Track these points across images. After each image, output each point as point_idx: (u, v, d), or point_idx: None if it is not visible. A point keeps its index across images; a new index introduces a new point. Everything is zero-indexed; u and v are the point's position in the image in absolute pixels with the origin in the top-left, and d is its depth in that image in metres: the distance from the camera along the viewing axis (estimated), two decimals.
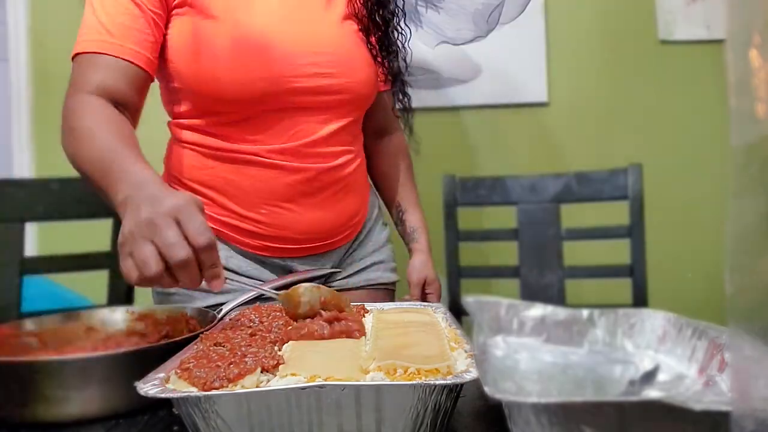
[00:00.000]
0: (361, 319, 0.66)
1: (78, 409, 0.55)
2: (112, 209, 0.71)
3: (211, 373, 0.48)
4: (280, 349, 0.57)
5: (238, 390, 0.47)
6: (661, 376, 0.54)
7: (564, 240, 1.41)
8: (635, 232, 1.37)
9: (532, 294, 1.40)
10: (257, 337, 0.61)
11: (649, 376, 0.54)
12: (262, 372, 0.50)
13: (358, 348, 0.57)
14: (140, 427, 0.55)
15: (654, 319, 0.58)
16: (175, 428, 0.53)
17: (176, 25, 0.90)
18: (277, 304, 0.75)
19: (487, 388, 0.39)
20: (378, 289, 1.08)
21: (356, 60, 0.97)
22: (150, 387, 0.48)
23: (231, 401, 0.46)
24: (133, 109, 0.89)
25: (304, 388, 0.46)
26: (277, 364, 0.52)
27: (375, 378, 0.48)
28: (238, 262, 0.97)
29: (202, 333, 0.63)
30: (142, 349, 0.61)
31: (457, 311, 1.30)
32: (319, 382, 0.47)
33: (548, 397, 0.38)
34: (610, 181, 1.40)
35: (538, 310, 0.60)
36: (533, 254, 1.42)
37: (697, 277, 1.69)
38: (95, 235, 1.21)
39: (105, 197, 0.74)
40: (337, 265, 1.04)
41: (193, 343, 0.60)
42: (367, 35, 0.99)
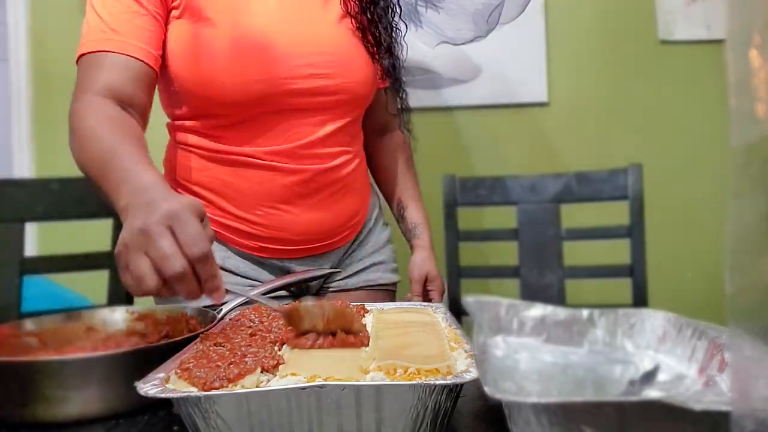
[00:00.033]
0: (367, 339, 0.61)
1: (78, 409, 0.55)
2: (116, 213, 0.69)
3: (211, 373, 0.48)
4: (280, 349, 0.58)
5: (238, 390, 0.47)
6: (661, 376, 0.54)
7: (564, 240, 1.41)
8: (635, 232, 1.37)
9: (532, 294, 1.40)
10: (257, 337, 0.61)
11: (649, 376, 0.54)
12: (262, 372, 0.50)
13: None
14: (140, 427, 0.55)
15: (654, 319, 0.58)
16: (175, 428, 0.53)
17: (174, 27, 0.90)
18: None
19: (487, 388, 0.39)
20: (378, 290, 1.07)
21: (354, 60, 0.96)
22: (150, 387, 0.48)
23: (231, 401, 0.46)
24: (140, 109, 0.87)
25: (304, 388, 0.46)
26: (277, 364, 0.52)
27: (375, 378, 0.48)
28: (236, 263, 0.97)
29: (202, 333, 0.63)
30: (142, 349, 0.61)
31: (457, 311, 1.30)
32: (319, 382, 0.47)
33: (548, 397, 0.38)
34: (610, 181, 1.40)
35: (538, 310, 0.60)
36: (533, 254, 1.42)
37: (697, 277, 1.69)
38: (95, 235, 1.21)
39: (108, 202, 0.71)
40: (335, 266, 1.03)
41: (193, 343, 0.61)
42: (363, 33, 0.98)
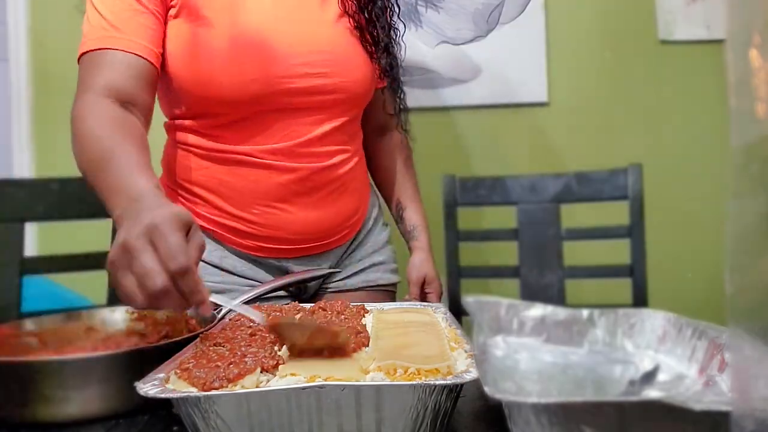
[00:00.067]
0: (367, 339, 0.60)
1: (78, 409, 0.55)
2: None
3: (210, 373, 0.48)
4: (279, 349, 0.57)
5: (238, 390, 0.47)
6: (661, 376, 0.54)
7: (564, 240, 1.41)
8: (635, 232, 1.37)
9: (532, 294, 1.40)
10: (257, 337, 0.61)
11: (649, 376, 0.54)
12: (261, 372, 0.50)
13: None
14: (140, 427, 0.55)
15: (654, 319, 0.58)
16: (175, 428, 0.53)
17: (172, 27, 0.89)
18: (276, 304, 0.75)
19: (487, 388, 0.39)
20: (378, 290, 1.07)
21: (351, 59, 0.96)
22: (150, 387, 0.48)
23: (231, 401, 0.46)
24: (143, 108, 0.85)
25: (304, 388, 0.46)
26: (277, 364, 0.52)
27: (375, 378, 0.48)
28: (233, 263, 0.96)
29: (202, 333, 0.63)
30: (142, 349, 0.61)
31: (457, 311, 1.30)
32: (319, 382, 0.47)
33: (548, 397, 0.38)
34: (610, 181, 1.40)
35: (538, 310, 0.60)
36: (533, 254, 1.42)
37: (697, 277, 1.69)
38: (95, 235, 1.20)
39: (106, 207, 0.70)
40: (334, 266, 1.03)
41: (193, 343, 0.61)
42: (361, 32, 0.98)
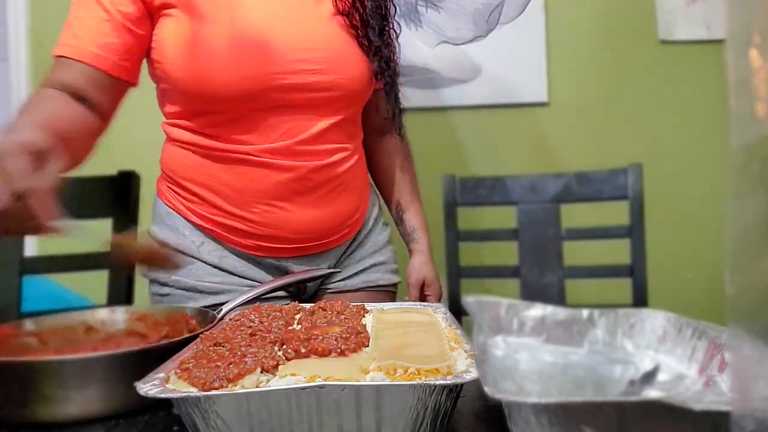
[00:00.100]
0: (367, 339, 0.60)
1: (78, 409, 0.55)
2: (115, 212, 0.71)
3: (210, 373, 0.48)
4: (279, 350, 0.57)
5: (238, 390, 0.47)
6: (661, 376, 0.54)
7: (564, 240, 1.41)
8: (635, 232, 1.37)
9: (532, 294, 1.40)
10: (257, 337, 0.61)
11: (649, 376, 0.54)
12: (262, 372, 0.50)
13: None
14: (140, 427, 0.55)
15: (654, 319, 0.58)
16: (175, 428, 0.53)
17: (163, 26, 0.90)
18: (276, 305, 0.75)
19: (487, 388, 0.39)
20: (378, 291, 1.07)
21: (347, 56, 0.95)
22: (150, 387, 0.48)
23: (231, 401, 0.46)
24: (95, 106, 0.89)
25: (304, 388, 0.46)
26: (277, 365, 0.52)
27: (375, 378, 0.48)
28: (233, 263, 0.96)
29: (202, 333, 0.63)
30: (142, 349, 0.61)
31: (457, 311, 1.30)
32: (319, 382, 0.47)
33: (548, 397, 0.38)
34: (610, 181, 1.40)
35: (538, 310, 0.60)
36: (533, 254, 1.42)
37: (697, 277, 1.69)
38: (95, 235, 1.20)
39: None
40: (334, 266, 1.03)
41: (193, 343, 0.60)
42: (356, 30, 0.97)
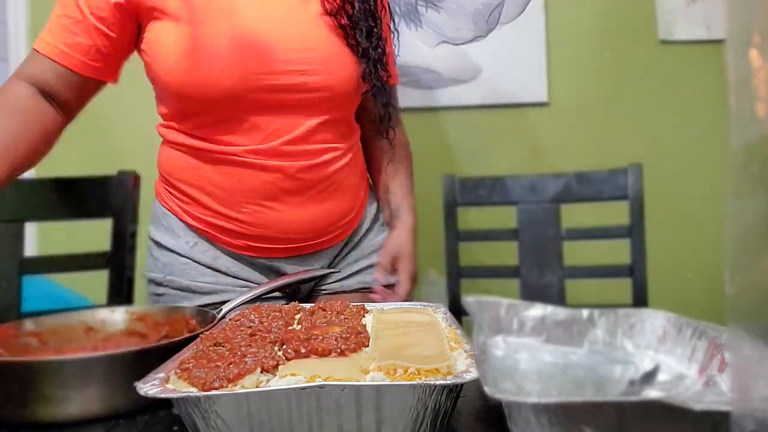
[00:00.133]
0: (367, 339, 0.59)
1: (78, 409, 0.55)
2: (115, 212, 0.71)
3: (210, 373, 0.48)
4: (279, 350, 0.57)
5: (238, 390, 0.47)
6: (661, 376, 0.54)
7: (564, 240, 1.41)
8: (635, 232, 1.37)
9: (532, 294, 1.40)
10: (257, 337, 0.61)
11: (649, 376, 0.54)
12: (262, 372, 0.50)
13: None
14: (140, 427, 0.55)
15: (654, 319, 0.58)
16: (175, 428, 0.53)
17: (154, 28, 0.90)
18: (276, 304, 0.75)
19: (487, 388, 0.39)
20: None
21: (335, 57, 0.95)
22: (150, 387, 0.48)
23: (231, 401, 0.46)
24: (62, 102, 0.93)
25: (304, 388, 0.46)
26: (277, 365, 0.52)
27: (375, 378, 0.48)
28: (226, 263, 0.97)
29: (202, 333, 0.63)
30: (142, 349, 0.61)
31: (457, 311, 1.30)
32: (319, 382, 0.47)
33: (548, 397, 0.38)
34: (610, 181, 1.40)
35: (538, 310, 0.60)
36: (533, 254, 1.42)
37: (697, 277, 1.69)
38: (95, 235, 1.21)
39: None
40: (328, 267, 1.02)
41: (193, 343, 0.60)
42: (344, 31, 0.96)
